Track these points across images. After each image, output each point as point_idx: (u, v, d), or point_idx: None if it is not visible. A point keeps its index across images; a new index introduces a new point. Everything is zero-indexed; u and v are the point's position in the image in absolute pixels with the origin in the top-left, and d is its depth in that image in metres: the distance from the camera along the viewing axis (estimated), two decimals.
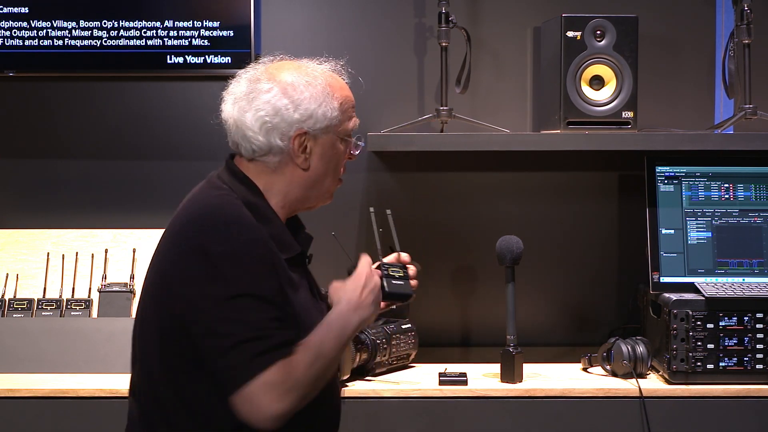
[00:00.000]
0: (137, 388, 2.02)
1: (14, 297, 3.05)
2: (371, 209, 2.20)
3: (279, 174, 2.02)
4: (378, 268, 2.06)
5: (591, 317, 3.33)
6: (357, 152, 2.13)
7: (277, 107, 1.99)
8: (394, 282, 2.04)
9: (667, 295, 2.85)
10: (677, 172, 3.01)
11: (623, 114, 2.99)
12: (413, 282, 2.10)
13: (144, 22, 3.22)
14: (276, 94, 2.00)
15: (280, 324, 1.87)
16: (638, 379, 2.79)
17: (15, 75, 3.26)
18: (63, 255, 3.13)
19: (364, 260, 2.02)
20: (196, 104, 3.32)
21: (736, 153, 3.06)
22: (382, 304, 2.08)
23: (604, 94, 3.00)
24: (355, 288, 1.97)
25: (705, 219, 2.99)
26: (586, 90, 2.99)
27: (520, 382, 2.81)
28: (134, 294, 3.03)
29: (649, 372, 2.88)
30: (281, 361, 1.84)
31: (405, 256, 2.16)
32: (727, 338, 2.78)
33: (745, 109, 3.03)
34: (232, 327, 1.84)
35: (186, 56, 3.22)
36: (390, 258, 2.15)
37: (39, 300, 3.02)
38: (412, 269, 2.13)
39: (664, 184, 3.00)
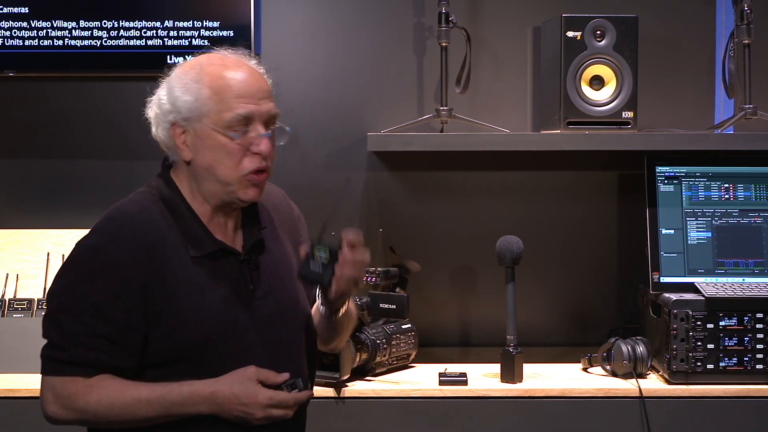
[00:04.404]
0: None
1: (14, 297, 3.05)
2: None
3: (181, 168, 1.98)
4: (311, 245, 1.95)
5: (591, 317, 3.32)
6: (260, 146, 1.93)
7: (158, 99, 1.96)
8: (309, 266, 1.93)
9: (667, 295, 2.85)
10: (677, 172, 3.01)
11: (623, 114, 2.99)
12: (339, 271, 1.92)
13: (144, 22, 3.22)
14: (162, 86, 1.98)
15: (92, 341, 1.87)
16: (638, 379, 2.79)
17: (15, 75, 3.26)
18: (63, 255, 3.13)
19: (262, 393, 1.89)
20: None
21: (736, 153, 3.06)
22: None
23: (604, 94, 3.00)
24: (237, 397, 1.89)
25: (705, 219, 2.99)
26: (586, 90, 2.99)
27: (520, 382, 2.81)
28: None
29: (649, 372, 2.88)
30: (73, 378, 1.88)
31: (352, 237, 1.95)
32: (727, 338, 2.78)
33: (745, 109, 3.03)
34: (49, 324, 1.90)
35: (186, 56, 3.21)
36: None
37: (39, 300, 3.01)
38: (342, 256, 1.94)
39: (664, 184, 3.00)
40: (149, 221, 1.93)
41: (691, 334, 2.76)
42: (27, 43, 3.23)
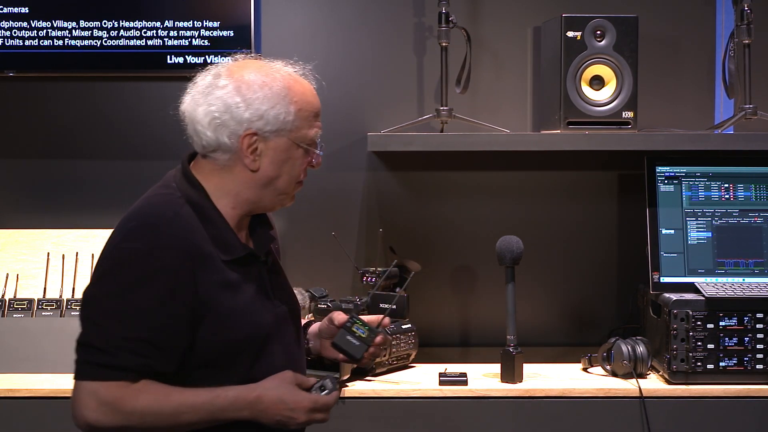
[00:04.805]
0: None
1: (14, 297, 3.05)
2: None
3: (229, 173, 1.97)
4: (348, 317, 2.08)
5: (591, 317, 3.32)
6: (318, 160, 2.06)
7: (228, 104, 1.94)
8: (347, 338, 2.06)
9: (667, 295, 2.85)
10: (677, 172, 3.01)
11: (623, 114, 2.99)
12: (371, 350, 2.07)
13: (144, 22, 3.22)
14: (229, 91, 1.95)
15: (139, 346, 1.85)
16: (638, 379, 2.79)
17: (15, 75, 3.26)
18: (63, 255, 3.13)
19: (306, 398, 1.94)
20: None
21: (736, 153, 3.06)
22: (328, 352, 2.14)
23: (604, 94, 3.00)
24: (283, 401, 1.91)
25: (705, 219, 2.99)
26: (586, 90, 2.99)
27: (520, 382, 2.81)
28: None
29: (649, 372, 2.88)
30: (120, 383, 1.84)
31: (386, 321, 2.13)
32: (727, 338, 2.77)
33: (745, 109, 3.03)
34: (92, 329, 1.86)
35: (186, 56, 3.22)
36: (370, 318, 2.11)
37: (39, 300, 3.01)
38: (379, 338, 2.08)
39: (664, 184, 3.00)
40: (185, 225, 1.92)
41: (691, 334, 2.76)
42: (27, 43, 3.23)
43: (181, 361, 1.90)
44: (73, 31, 3.23)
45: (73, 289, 3.08)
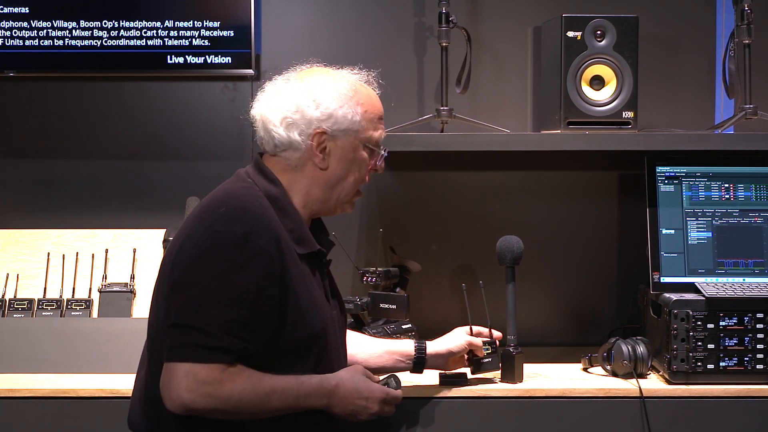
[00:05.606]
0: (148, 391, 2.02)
1: (15, 297, 3.05)
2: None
3: (300, 172, 2.06)
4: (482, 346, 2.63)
5: (591, 317, 3.32)
6: (382, 164, 2.16)
7: (299, 104, 2.05)
8: (484, 362, 2.68)
9: (667, 295, 2.85)
10: (677, 172, 3.01)
11: (623, 114, 2.99)
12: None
13: (144, 22, 3.22)
14: (300, 91, 2.06)
15: (238, 328, 1.88)
16: (638, 379, 2.79)
17: (15, 75, 3.26)
18: (63, 255, 3.13)
19: (378, 389, 2.09)
20: (196, 104, 3.32)
21: (736, 153, 3.06)
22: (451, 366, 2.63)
23: (604, 94, 3.00)
24: (358, 391, 2.01)
25: (705, 219, 2.99)
26: (587, 90, 2.99)
27: (520, 382, 2.80)
28: (134, 294, 3.03)
29: (650, 372, 2.88)
30: (218, 366, 1.86)
31: (497, 334, 2.62)
32: (727, 338, 2.77)
33: (746, 109, 3.03)
34: (192, 311, 1.88)
35: (186, 56, 3.22)
36: (478, 329, 2.64)
37: (39, 300, 3.01)
38: (497, 342, 2.58)
39: (665, 184, 3.00)
40: (271, 215, 1.99)
41: (691, 334, 2.76)
42: (27, 43, 3.23)
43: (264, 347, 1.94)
44: (74, 31, 3.23)
45: (74, 289, 3.08)
